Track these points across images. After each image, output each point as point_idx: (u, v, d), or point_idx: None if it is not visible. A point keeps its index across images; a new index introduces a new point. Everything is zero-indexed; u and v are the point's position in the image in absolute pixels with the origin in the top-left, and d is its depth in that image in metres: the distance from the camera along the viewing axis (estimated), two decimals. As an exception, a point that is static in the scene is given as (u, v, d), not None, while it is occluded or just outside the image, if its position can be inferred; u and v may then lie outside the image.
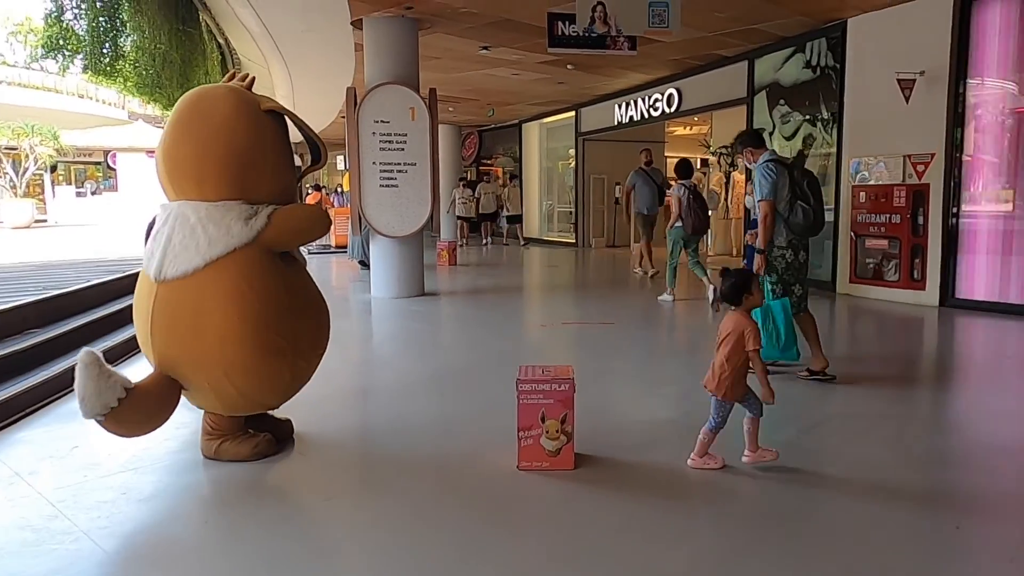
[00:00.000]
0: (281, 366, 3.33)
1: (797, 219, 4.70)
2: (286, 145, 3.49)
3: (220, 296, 3.17)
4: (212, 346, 3.19)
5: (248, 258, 3.20)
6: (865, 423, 4.13)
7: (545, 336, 6.88)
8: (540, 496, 3.15)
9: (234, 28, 10.89)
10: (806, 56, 9.44)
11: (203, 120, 3.28)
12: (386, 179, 8.69)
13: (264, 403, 3.50)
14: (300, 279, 3.52)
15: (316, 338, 3.54)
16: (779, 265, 4.82)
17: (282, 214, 3.31)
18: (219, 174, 3.24)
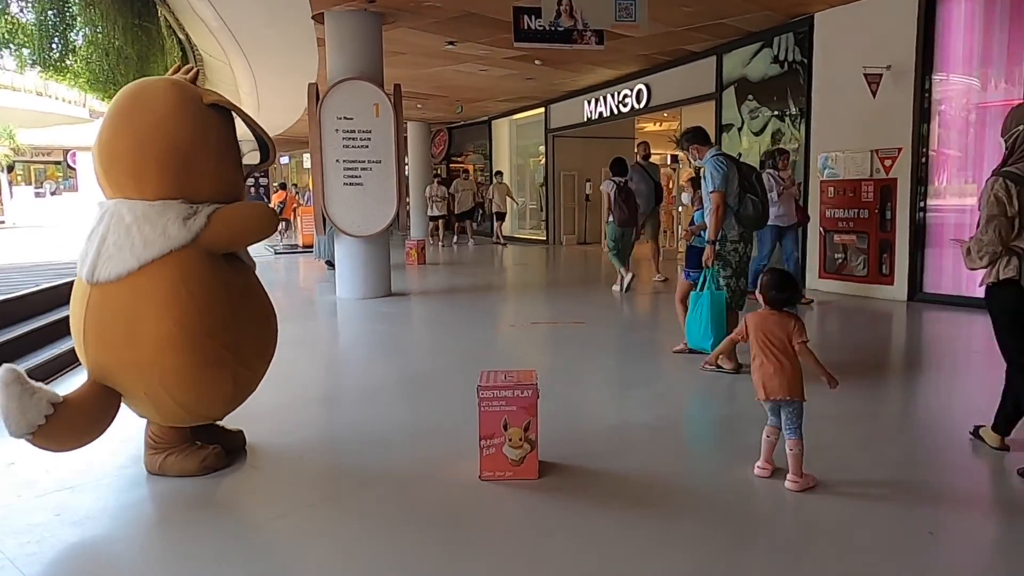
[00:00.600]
0: (222, 375, 3.15)
1: (747, 211, 4.80)
2: (231, 141, 3.30)
3: (156, 301, 2.99)
4: (148, 354, 3.01)
5: (186, 261, 3.02)
6: (837, 422, 4.05)
7: (514, 337, 6.74)
8: (502, 508, 3.01)
9: (193, 23, 10.59)
10: (774, 51, 9.41)
11: (142, 114, 3.10)
12: (350, 177, 8.48)
13: (207, 414, 3.31)
14: (245, 283, 3.34)
15: (261, 346, 3.36)
16: (733, 259, 4.89)
17: (223, 214, 3.12)
18: (158, 171, 3.06)
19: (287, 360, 5.92)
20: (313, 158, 8.53)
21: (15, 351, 5.27)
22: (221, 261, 3.17)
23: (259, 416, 4.17)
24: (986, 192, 3.17)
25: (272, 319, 3.47)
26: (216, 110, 3.23)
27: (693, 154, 5.08)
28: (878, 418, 4.18)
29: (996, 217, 3.10)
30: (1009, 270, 3.14)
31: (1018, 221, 3.10)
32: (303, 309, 8.76)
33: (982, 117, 7.31)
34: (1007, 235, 3.11)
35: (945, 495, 3.07)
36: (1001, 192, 3.10)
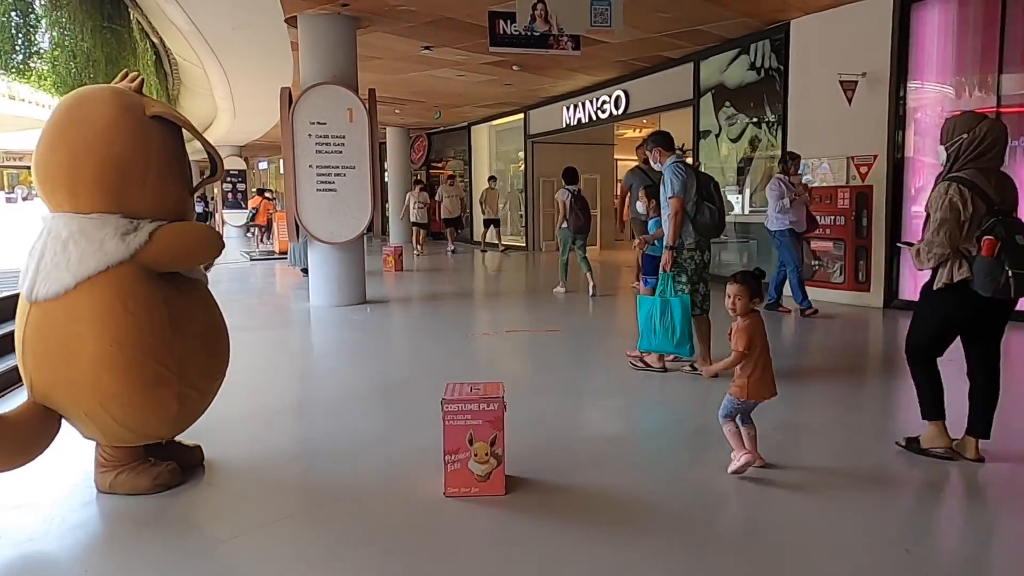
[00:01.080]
0: (165, 396, 3.01)
1: (704, 219, 4.89)
2: (177, 155, 3.15)
3: (93, 319, 2.86)
4: (86, 374, 2.88)
5: (124, 277, 2.89)
6: (812, 433, 3.99)
7: (488, 345, 6.64)
8: (467, 526, 2.91)
9: (166, 26, 10.42)
10: (751, 58, 9.41)
11: (80, 125, 2.96)
12: (324, 183, 8.35)
13: (152, 434, 3.17)
14: (192, 300, 3.20)
15: (208, 365, 3.22)
16: (689, 267, 4.97)
17: (167, 232, 2.99)
18: (93, 184, 2.93)
19: (253, 369, 5.84)
20: (285, 164, 8.39)
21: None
22: (162, 278, 3.04)
23: (219, 429, 4.05)
24: (940, 197, 3.27)
25: (223, 336, 3.34)
26: (160, 122, 3.08)
27: (655, 156, 5.14)
28: (851, 427, 4.12)
29: (948, 221, 3.22)
30: (962, 272, 3.24)
31: (968, 226, 3.21)
32: (275, 317, 8.61)
33: (956, 124, 7.32)
34: (956, 239, 3.22)
35: (923, 510, 3.01)
36: (956, 198, 3.21)
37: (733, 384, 3.30)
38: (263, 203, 18.42)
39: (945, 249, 3.24)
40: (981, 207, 3.20)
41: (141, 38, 12.06)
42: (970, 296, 3.24)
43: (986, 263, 3.15)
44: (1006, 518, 2.93)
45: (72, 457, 3.45)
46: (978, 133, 3.27)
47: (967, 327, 3.42)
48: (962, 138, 3.31)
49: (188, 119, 3.23)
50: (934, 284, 3.38)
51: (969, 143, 3.29)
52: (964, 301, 3.29)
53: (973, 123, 3.33)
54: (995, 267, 3.12)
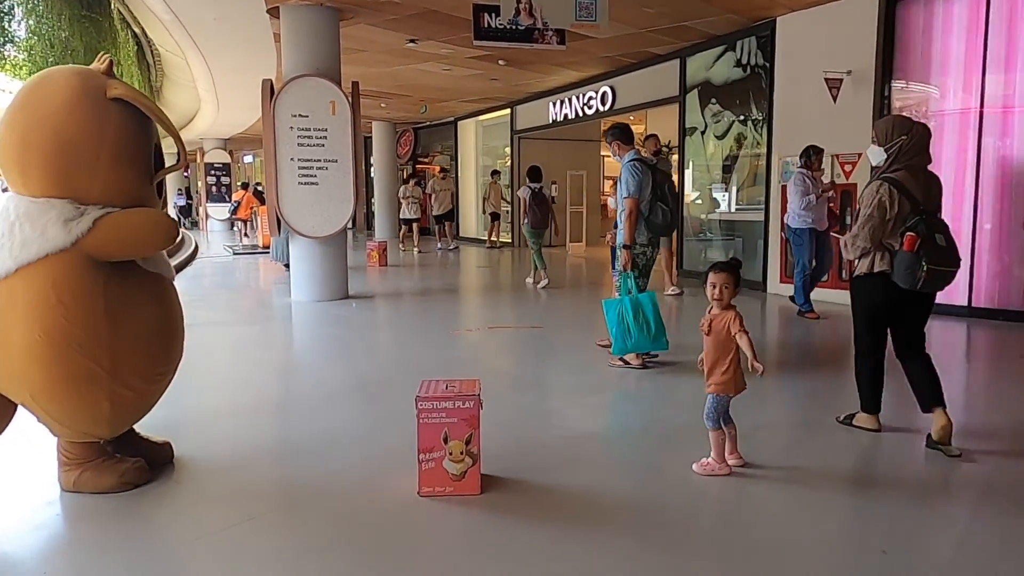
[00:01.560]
0: (94, 394, 2.87)
1: (656, 219, 5.07)
2: (136, 140, 2.98)
3: (26, 307, 2.76)
4: (17, 364, 2.80)
5: (62, 266, 2.78)
6: (792, 432, 3.96)
7: (469, 342, 6.58)
8: (441, 527, 2.84)
9: (147, 16, 10.29)
10: (736, 55, 9.39)
11: (34, 106, 2.86)
12: (305, 176, 8.25)
13: (89, 432, 3.03)
14: (142, 295, 3.02)
15: (148, 365, 3.03)
16: (640, 261, 5.15)
17: (111, 220, 2.85)
18: (42, 167, 2.82)
19: (230, 365, 5.76)
20: (267, 156, 8.28)
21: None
22: (111, 269, 2.90)
23: (192, 425, 3.99)
24: (870, 194, 3.53)
25: (172, 336, 3.16)
26: (121, 105, 2.92)
27: (614, 149, 5.24)
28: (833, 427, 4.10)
29: (873, 218, 3.49)
30: (883, 264, 3.53)
31: (893, 223, 3.47)
32: (255, 312, 8.51)
33: (941, 124, 7.32)
34: (878, 235, 3.51)
35: (903, 510, 2.98)
36: (885, 197, 3.47)
37: (712, 383, 3.25)
38: (246, 197, 18.24)
39: (867, 243, 3.52)
40: (906, 206, 3.45)
41: (122, 28, 11.90)
42: (890, 286, 3.52)
43: (906, 257, 3.41)
44: (986, 518, 2.90)
45: (35, 454, 3.37)
46: (914, 135, 3.57)
47: (890, 316, 3.68)
48: (902, 139, 3.56)
49: (154, 104, 3.10)
50: (855, 271, 3.70)
51: (908, 144, 3.55)
52: (884, 291, 3.57)
53: (910, 126, 3.61)
54: (913, 262, 3.38)
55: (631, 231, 4.99)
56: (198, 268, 13.02)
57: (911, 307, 3.62)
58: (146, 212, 2.96)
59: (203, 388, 4.80)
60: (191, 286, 10.16)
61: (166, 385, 3.22)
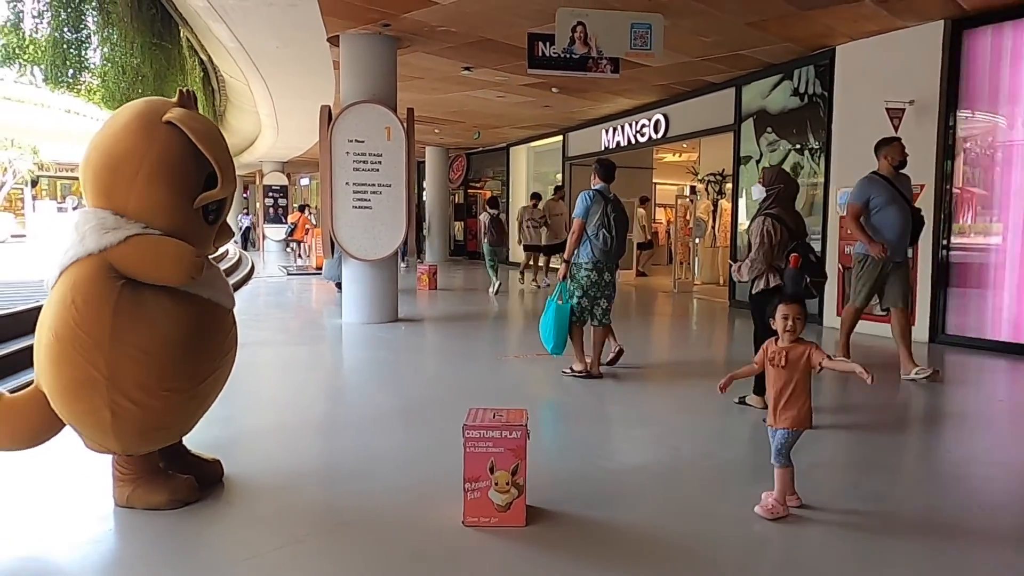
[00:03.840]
0: (96, 401, 2.88)
1: (598, 243, 5.64)
2: (181, 162, 2.98)
3: (54, 307, 2.91)
4: (41, 362, 2.93)
5: (85, 270, 2.87)
6: (848, 472, 3.82)
7: (515, 368, 6.55)
8: (485, 559, 2.80)
9: (213, 44, 10.65)
10: (794, 83, 9.26)
11: (103, 129, 3.07)
12: (359, 200, 8.39)
13: (100, 443, 3.05)
14: (162, 311, 2.96)
15: (150, 379, 2.92)
16: (585, 283, 5.72)
17: (141, 240, 2.89)
18: (93, 180, 3.00)
19: (279, 384, 5.84)
20: (323, 180, 8.46)
21: (14, 365, 5.19)
22: (128, 281, 2.92)
23: (240, 444, 4.04)
24: (757, 227, 4.59)
25: (191, 357, 3.06)
26: (173, 128, 2.96)
27: (592, 178, 5.90)
28: (893, 470, 3.93)
29: (764, 245, 4.55)
30: (775, 280, 4.56)
31: (777, 248, 4.52)
32: (306, 332, 8.64)
33: (1009, 155, 7.08)
34: (769, 258, 4.56)
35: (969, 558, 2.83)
36: (770, 227, 4.54)
37: (787, 417, 3.13)
38: (301, 218, 18.65)
39: (762, 266, 4.58)
40: (785, 234, 4.55)
41: (190, 55, 12.36)
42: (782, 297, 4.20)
43: (792, 273, 4.41)
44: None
45: (92, 466, 3.44)
46: (788, 185, 4.74)
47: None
48: (780, 187, 4.68)
49: (206, 130, 3.06)
50: (752, 290, 4.70)
51: (783, 191, 4.68)
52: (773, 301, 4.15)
53: (785, 177, 4.81)
54: (798, 276, 4.38)
55: (571, 248, 5.74)
56: (253, 288, 13.32)
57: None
58: (176, 244, 2.94)
59: (253, 407, 4.88)
60: (246, 305, 10.39)
61: (180, 405, 3.09)
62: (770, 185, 4.68)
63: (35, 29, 8.24)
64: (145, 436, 3.07)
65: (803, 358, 3.11)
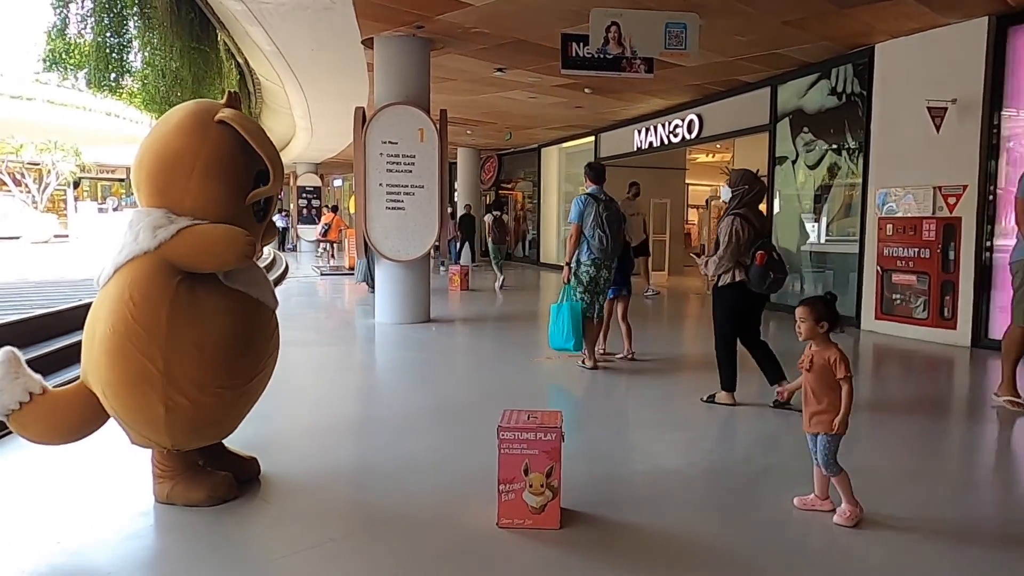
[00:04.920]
0: (149, 396, 2.93)
1: (595, 243, 5.96)
2: (233, 160, 3.06)
3: (110, 303, 2.94)
4: (95, 357, 2.96)
5: (143, 268, 2.93)
6: (889, 479, 3.74)
7: (548, 369, 6.53)
8: (518, 561, 2.79)
9: (250, 47, 10.81)
10: (831, 83, 9.11)
11: (155, 131, 3.13)
12: (393, 201, 8.44)
13: (151, 438, 3.08)
14: (216, 309, 3.03)
15: (205, 375, 2.99)
16: (584, 279, 6.05)
17: (192, 230, 2.96)
18: (148, 180, 3.05)
19: (313, 384, 5.89)
20: (357, 181, 8.53)
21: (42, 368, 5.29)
22: (185, 278, 2.98)
23: (275, 442, 4.08)
24: (726, 226, 4.79)
25: (242, 355, 3.13)
26: (225, 127, 3.04)
27: (585, 180, 6.29)
28: (934, 477, 3.84)
29: (732, 244, 4.76)
30: (740, 276, 4.79)
31: (744, 246, 4.74)
32: (339, 332, 8.71)
33: (1056, 155, 6.89)
34: (735, 255, 4.77)
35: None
36: (738, 226, 4.76)
37: (816, 421, 3.08)
38: (335, 219, 18.84)
39: (730, 262, 4.79)
40: (751, 232, 4.76)
41: (227, 59, 12.55)
42: (745, 292, 4.81)
43: (758, 269, 4.68)
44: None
45: (133, 463, 3.51)
46: (753, 186, 4.90)
47: (743, 314, 4.97)
48: (745, 188, 4.86)
49: (257, 129, 3.16)
50: (719, 283, 4.91)
51: (748, 192, 4.86)
52: (742, 295, 4.84)
53: (751, 179, 4.93)
54: (764, 272, 4.67)
55: (570, 251, 6.09)
56: (287, 288, 13.48)
57: (755, 307, 5.02)
58: (225, 228, 3.00)
59: (288, 406, 4.93)
60: (280, 306, 10.48)
61: (231, 402, 3.15)
62: (735, 187, 4.90)
63: (79, 34, 8.43)
64: (197, 432, 3.13)
65: (829, 364, 3.07)
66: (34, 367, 3.12)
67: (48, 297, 7.95)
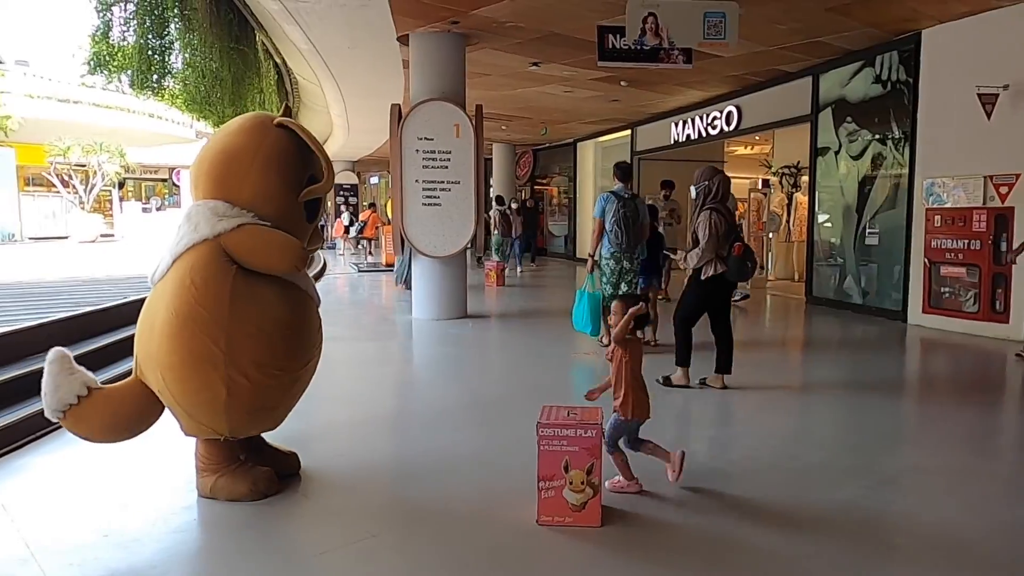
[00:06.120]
0: (212, 376, 2.98)
1: (612, 236, 6.44)
2: (289, 158, 3.19)
3: (171, 289, 3.01)
4: (155, 342, 3.01)
5: (200, 253, 3.02)
6: (941, 478, 3.62)
7: (586, 365, 6.48)
8: (558, 559, 2.76)
9: (287, 47, 10.92)
10: (875, 70, 8.87)
11: (215, 136, 3.32)
12: (429, 197, 8.45)
13: (207, 424, 3.11)
14: (271, 293, 3.11)
15: (264, 356, 3.06)
16: (607, 270, 6.56)
17: (252, 228, 3.07)
18: (207, 174, 3.16)
19: (351, 380, 5.92)
20: (393, 178, 8.56)
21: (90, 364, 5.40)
22: (246, 269, 3.08)
23: (315, 437, 4.11)
24: (705, 220, 5.03)
25: (297, 338, 3.20)
26: (283, 130, 3.22)
27: (613, 178, 6.74)
28: (987, 476, 3.71)
29: (713, 237, 4.99)
30: (721, 267, 5.01)
31: (720, 239, 4.98)
32: (377, 328, 8.76)
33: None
34: (714, 248, 4.99)
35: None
36: (716, 220, 5.01)
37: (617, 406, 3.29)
38: (372, 216, 18.98)
39: (711, 255, 5.01)
40: (725, 226, 5.01)
41: (265, 58, 12.69)
42: (724, 282, 5.13)
43: (737, 260, 4.96)
44: None
45: (177, 458, 3.56)
46: (714, 183, 5.11)
47: (715, 303, 5.23)
48: (705, 184, 5.13)
49: (310, 134, 3.30)
50: (701, 275, 5.09)
51: (709, 188, 5.11)
52: (719, 286, 5.13)
53: (713, 175, 5.16)
54: (741, 263, 4.98)
55: (594, 244, 6.59)
56: (325, 284, 13.60)
57: (726, 297, 5.34)
58: (283, 235, 3.12)
59: (326, 402, 4.95)
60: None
61: (287, 386, 3.22)
62: (697, 183, 5.18)
63: (122, 37, 8.60)
64: (252, 417, 3.18)
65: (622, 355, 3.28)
66: (82, 363, 3.17)
67: (96, 295, 8.13)
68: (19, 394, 4.40)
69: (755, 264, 5.22)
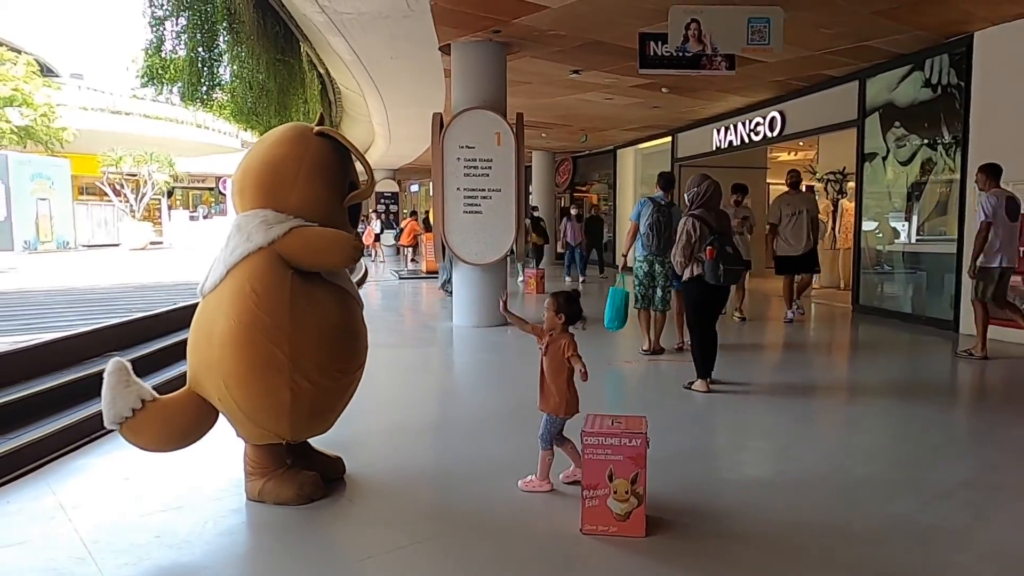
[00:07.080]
0: (276, 381, 3.05)
1: (648, 242, 6.65)
2: (332, 166, 3.30)
3: (229, 298, 3.07)
4: (215, 351, 3.07)
5: (258, 261, 3.08)
6: (994, 495, 3.51)
7: (628, 373, 6.44)
8: (603, 568, 2.75)
9: (331, 57, 11.11)
10: (925, 74, 8.67)
11: (257, 146, 3.38)
12: (470, 205, 8.51)
13: (271, 428, 3.17)
14: (327, 299, 3.22)
15: (325, 359, 3.16)
16: (639, 273, 6.80)
17: (304, 230, 3.15)
18: (254, 185, 3.24)
19: (394, 386, 5.98)
20: (435, 186, 8.63)
21: (143, 369, 5.55)
22: (299, 272, 3.16)
23: (359, 443, 4.15)
24: (681, 226, 5.31)
25: (352, 340, 3.32)
26: (324, 138, 3.30)
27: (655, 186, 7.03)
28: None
29: (682, 241, 5.24)
30: (698, 270, 5.20)
31: (698, 243, 5.17)
32: (418, 335, 8.83)
33: None
34: (687, 252, 5.22)
35: None
36: (690, 226, 5.22)
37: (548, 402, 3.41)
38: (410, 224, 19.16)
39: (683, 258, 5.25)
40: (705, 231, 5.19)
41: (309, 69, 12.93)
42: (704, 284, 5.20)
43: (710, 263, 5.09)
44: None
45: (226, 462, 3.63)
46: (701, 189, 5.31)
47: (708, 304, 5.36)
48: (696, 190, 5.34)
49: (349, 140, 3.40)
50: (684, 278, 5.35)
51: (697, 195, 5.32)
52: (702, 288, 5.24)
53: (701, 182, 5.37)
54: (715, 266, 5.08)
55: (627, 244, 7.06)
56: (367, 291, 13.77)
57: (716, 299, 5.38)
58: (335, 231, 3.22)
59: (370, 407, 4.99)
60: (361, 308, 10.72)
61: (345, 388, 3.34)
62: (688, 189, 5.44)
63: (174, 51, 8.85)
64: (314, 419, 3.27)
65: (561, 349, 3.36)
66: (135, 368, 3.26)
67: (147, 301, 8.36)
68: (77, 397, 4.54)
69: (738, 266, 5.23)
